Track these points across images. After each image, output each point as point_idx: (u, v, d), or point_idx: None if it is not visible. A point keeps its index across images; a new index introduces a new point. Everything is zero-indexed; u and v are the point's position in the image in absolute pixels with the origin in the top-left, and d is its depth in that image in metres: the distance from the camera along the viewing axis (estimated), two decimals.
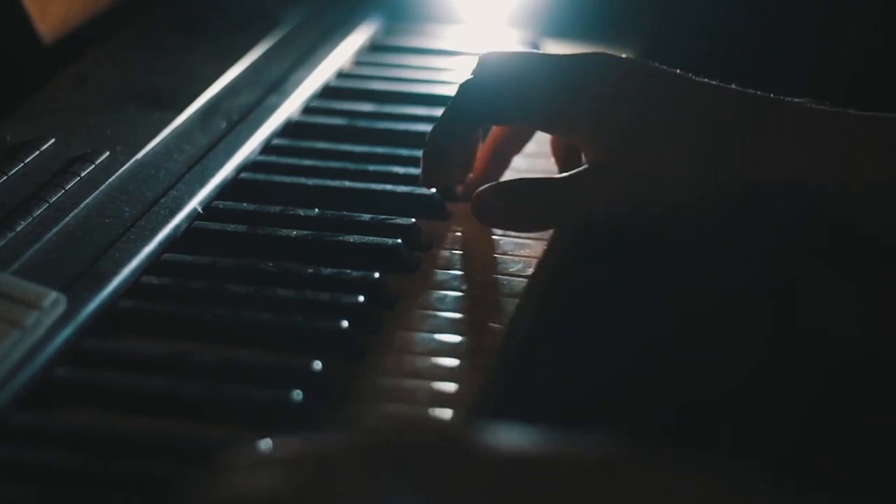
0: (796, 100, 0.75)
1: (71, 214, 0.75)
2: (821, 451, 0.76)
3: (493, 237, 0.79)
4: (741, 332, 0.79)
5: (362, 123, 0.92)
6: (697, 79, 0.76)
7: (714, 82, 0.76)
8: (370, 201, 0.81)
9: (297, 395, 0.63)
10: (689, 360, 0.79)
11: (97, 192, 0.78)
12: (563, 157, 0.83)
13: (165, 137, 0.85)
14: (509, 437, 0.49)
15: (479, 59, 0.79)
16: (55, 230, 0.73)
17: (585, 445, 0.48)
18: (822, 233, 0.74)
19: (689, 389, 0.77)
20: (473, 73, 0.78)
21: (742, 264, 0.75)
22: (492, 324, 0.71)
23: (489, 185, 0.78)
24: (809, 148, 0.73)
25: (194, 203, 0.79)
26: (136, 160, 0.82)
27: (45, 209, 0.75)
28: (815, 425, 0.77)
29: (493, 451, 0.48)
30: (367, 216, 0.79)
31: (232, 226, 0.78)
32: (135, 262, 0.72)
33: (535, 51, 0.79)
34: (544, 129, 0.82)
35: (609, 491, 0.47)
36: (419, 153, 0.86)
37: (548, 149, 0.87)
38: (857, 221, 0.73)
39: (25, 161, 0.79)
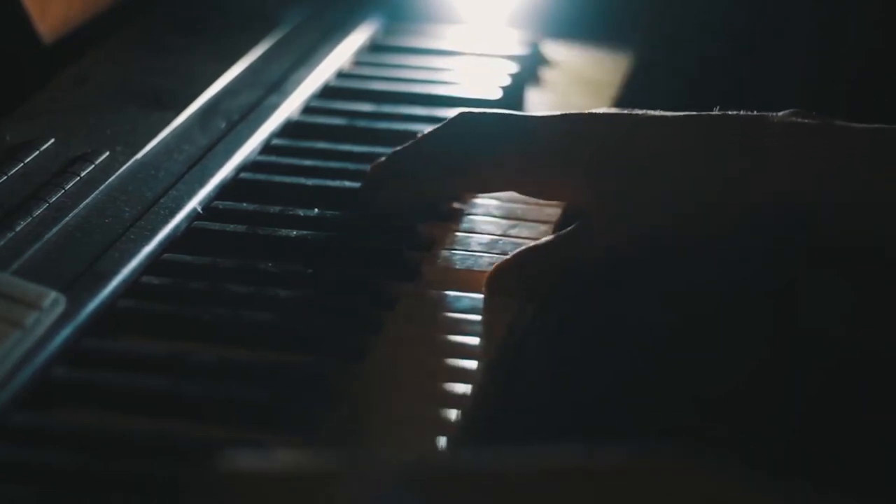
0: (780, 113, 0.74)
1: (71, 214, 0.75)
2: (821, 451, 0.76)
3: (493, 237, 0.79)
4: (741, 332, 0.79)
5: (362, 123, 0.92)
6: (673, 114, 0.76)
7: (689, 113, 0.75)
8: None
9: (297, 395, 0.63)
10: (689, 360, 0.79)
11: (97, 192, 0.78)
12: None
13: (165, 137, 0.85)
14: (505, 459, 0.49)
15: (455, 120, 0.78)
16: (55, 230, 0.73)
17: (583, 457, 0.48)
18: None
19: (689, 389, 0.77)
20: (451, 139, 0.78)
21: (742, 264, 0.75)
22: (491, 324, 0.71)
23: (498, 266, 0.75)
24: (796, 165, 0.72)
25: (194, 203, 0.79)
26: (136, 160, 0.82)
27: (45, 209, 0.75)
28: (815, 425, 0.77)
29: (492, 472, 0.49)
30: (366, 216, 0.79)
31: (232, 226, 0.78)
32: (134, 262, 0.72)
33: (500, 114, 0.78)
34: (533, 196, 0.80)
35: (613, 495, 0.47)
36: None
37: None
38: (853, 235, 0.73)
39: (25, 161, 0.79)
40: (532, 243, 0.76)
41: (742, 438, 0.76)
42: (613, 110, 0.77)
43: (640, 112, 0.76)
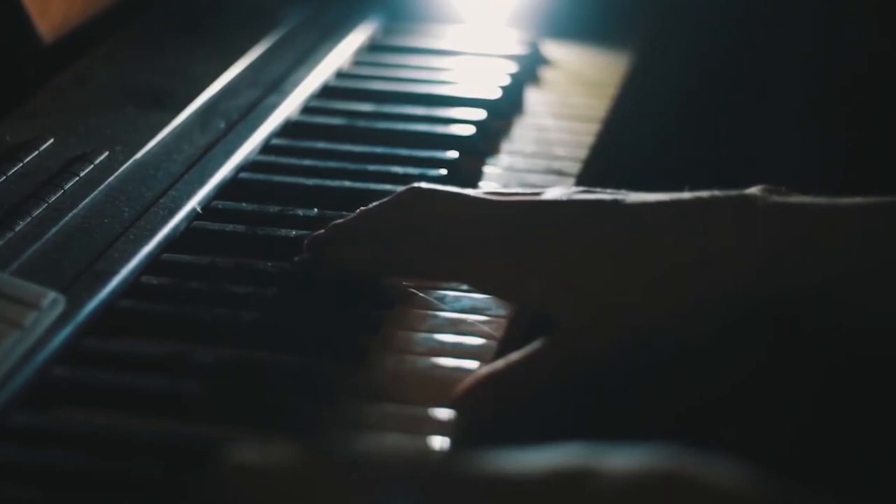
0: (749, 191, 0.70)
1: (70, 214, 0.75)
2: (821, 451, 0.76)
3: None
4: (741, 333, 0.79)
5: (361, 123, 0.92)
6: (634, 201, 0.71)
7: (653, 201, 0.70)
8: (369, 201, 0.81)
9: (298, 394, 0.63)
10: (690, 360, 0.79)
11: (96, 192, 0.78)
12: None
13: (164, 137, 0.85)
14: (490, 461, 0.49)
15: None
16: (54, 230, 0.73)
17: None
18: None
19: (689, 389, 0.77)
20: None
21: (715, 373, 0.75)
22: (491, 324, 0.71)
23: (468, 387, 0.66)
24: (774, 251, 0.69)
25: (193, 203, 0.79)
26: (136, 160, 0.82)
27: (45, 209, 0.75)
28: (815, 425, 0.77)
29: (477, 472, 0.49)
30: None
31: (231, 226, 0.78)
32: (134, 262, 0.72)
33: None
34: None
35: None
36: (419, 153, 0.86)
37: (546, 148, 0.87)
38: (846, 318, 0.71)
39: (25, 161, 0.79)
40: (501, 362, 0.68)
41: (744, 439, 0.76)
42: (585, 197, 0.71)
43: (606, 197, 0.71)
